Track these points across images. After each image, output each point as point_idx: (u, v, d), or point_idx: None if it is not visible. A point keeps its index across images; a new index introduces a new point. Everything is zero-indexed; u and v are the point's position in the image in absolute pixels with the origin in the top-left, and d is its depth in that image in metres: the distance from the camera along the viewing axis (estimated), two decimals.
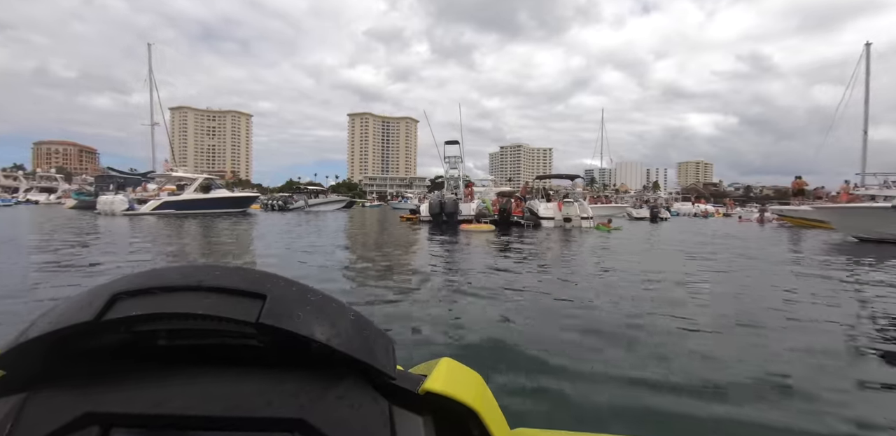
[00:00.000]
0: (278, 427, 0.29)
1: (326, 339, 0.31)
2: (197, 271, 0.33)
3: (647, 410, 1.99)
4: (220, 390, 0.31)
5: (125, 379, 0.31)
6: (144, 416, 0.29)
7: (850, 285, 5.42)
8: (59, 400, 0.30)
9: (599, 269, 6.51)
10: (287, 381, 0.31)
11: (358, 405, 0.31)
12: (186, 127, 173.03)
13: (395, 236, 12.61)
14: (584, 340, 2.97)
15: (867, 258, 8.08)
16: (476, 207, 18.01)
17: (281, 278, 0.34)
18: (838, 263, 7.47)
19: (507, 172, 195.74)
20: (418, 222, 18.72)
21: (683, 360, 2.63)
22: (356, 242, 10.58)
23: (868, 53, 25.99)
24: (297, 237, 11.32)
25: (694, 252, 8.94)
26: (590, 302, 4.12)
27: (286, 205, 36.18)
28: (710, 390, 2.20)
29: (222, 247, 9.10)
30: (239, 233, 12.65)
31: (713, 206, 49.55)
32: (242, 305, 0.31)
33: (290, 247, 8.90)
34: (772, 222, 26.29)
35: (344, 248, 9.14)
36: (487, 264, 6.66)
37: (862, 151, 26.05)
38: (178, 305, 0.30)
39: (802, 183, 24.50)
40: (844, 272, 6.38)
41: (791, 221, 22.95)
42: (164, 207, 24.26)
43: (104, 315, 0.30)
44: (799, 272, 6.36)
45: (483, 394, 0.37)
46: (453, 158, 22.34)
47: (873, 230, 11.91)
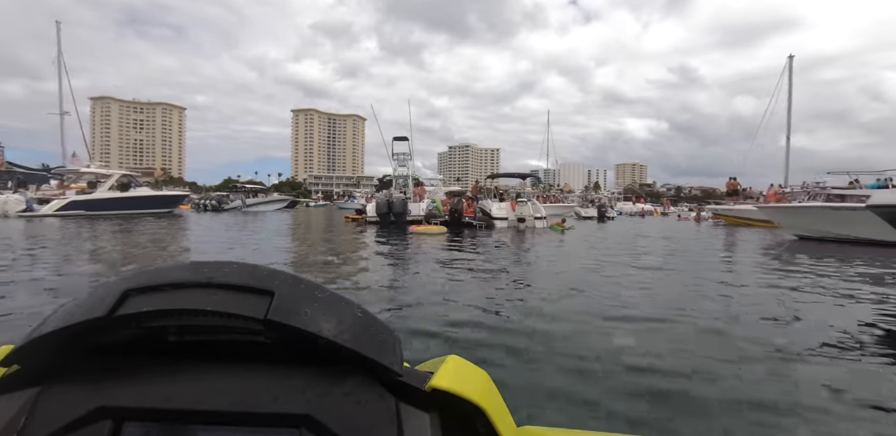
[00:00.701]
0: (286, 423, 0.29)
1: (333, 335, 0.31)
2: (206, 268, 0.34)
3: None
4: (229, 385, 0.31)
5: (137, 374, 0.32)
6: (156, 410, 0.30)
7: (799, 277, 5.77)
8: (72, 394, 0.31)
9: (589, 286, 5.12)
10: (294, 377, 0.32)
11: (365, 402, 0.31)
12: (110, 119, 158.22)
13: (335, 241, 11.43)
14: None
15: (812, 254, 8.09)
16: (426, 207, 17.12)
17: (289, 275, 0.35)
18: (794, 259, 7.77)
19: (456, 172, 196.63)
20: (364, 223, 17.54)
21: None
22: (285, 250, 9.16)
23: (791, 65, 28.04)
24: (219, 242, 9.89)
25: (664, 253, 8.63)
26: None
27: (220, 205, 33.49)
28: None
29: (108, 256, 7.54)
30: (151, 237, 10.93)
31: (651, 205, 51.82)
32: (251, 301, 0.31)
33: (200, 252, 7.57)
34: (708, 221, 27.47)
35: (267, 258, 7.40)
36: (445, 284, 5.19)
37: (785, 155, 28.13)
38: (187, 302, 0.31)
39: (736, 184, 25.80)
40: (797, 266, 6.90)
41: (726, 220, 24.00)
42: (70, 207, 21.27)
43: (116, 311, 0.31)
44: (764, 267, 6.81)
45: (490, 391, 0.37)
46: (402, 154, 21.30)
47: (813, 229, 12.31)
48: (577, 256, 8.36)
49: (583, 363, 2.54)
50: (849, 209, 11.46)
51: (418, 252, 8.59)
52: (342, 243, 10.54)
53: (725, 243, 12.62)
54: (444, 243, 10.32)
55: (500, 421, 0.35)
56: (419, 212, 16.93)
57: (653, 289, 4.94)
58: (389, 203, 16.72)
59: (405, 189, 20.02)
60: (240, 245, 9.51)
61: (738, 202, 24.72)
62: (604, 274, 5.93)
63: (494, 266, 6.69)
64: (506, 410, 0.38)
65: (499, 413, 0.36)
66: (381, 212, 16.82)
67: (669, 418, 1.94)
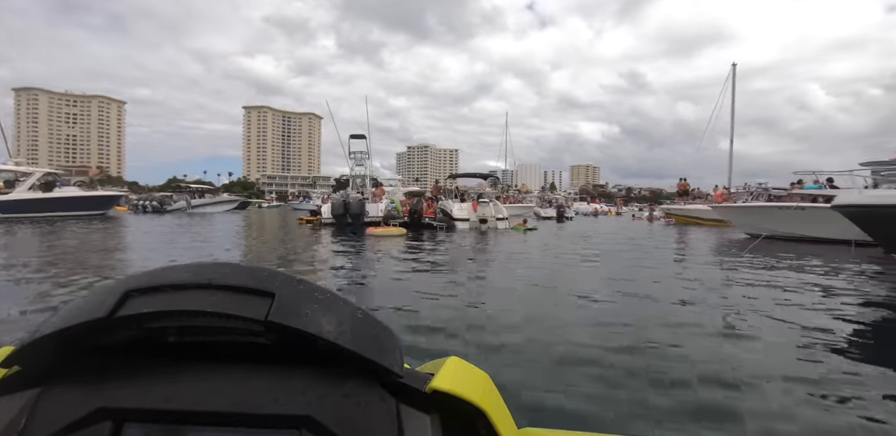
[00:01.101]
0: (286, 424, 0.29)
1: (334, 337, 0.31)
2: (207, 269, 0.34)
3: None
4: (229, 386, 0.31)
5: (137, 375, 0.32)
6: (156, 411, 0.30)
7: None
8: (72, 395, 0.31)
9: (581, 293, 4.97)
10: (294, 378, 0.32)
11: (365, 403, 0.31)
12: (38, 112, 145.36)
13: (284, 245, 10.61)
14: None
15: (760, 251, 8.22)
16: (384, 208, 16.47)
17: (289, 276, 0.35)
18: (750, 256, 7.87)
19: (415, 172, 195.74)
20: (319, 225, 16.66)
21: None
22: (222, 256, 8.33)
23: (734, 73, 29.58)
24: (143, 250, 8.86)
25: (637, 255, 8.47)
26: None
27: (162, 206, 31.20)
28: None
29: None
30: (69, 242, 9.68)
31: (605, 205, 53.40)
32: (251, 302, 0.31)
33: (114, 263, 6.64)
34: (660, 220, 28.38)
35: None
36: (401, 292, 4.78)
37: (729, 158, 29.65)
38: (188, 303, 0.31)
39: (686, 185, 26.84)
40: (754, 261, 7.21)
41: (677, 219, 24.82)
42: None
43: (117, 312, 0.31)
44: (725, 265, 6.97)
45: (490, 393, 0.37)
46: (359, 153, 20.47)
47: (765, 228, 12.73)
48: (559, 263, 8.04)
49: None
50: (795, 208, 11.91)
51: (374, 256, 8.00)
52: (291, 248, 9.74)
53: (688, 241, 12.82)
54: (403, 246, 9.77)
55: (500, 423, 0.35)
56: (377, 213, 16.27)
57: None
58: (346, 204, 15.93)
59: (363, 189, 19.24)
60: (164, 252, 8.52)
61: (689, 202, 25.69)
62: (611, 284, 5.24)
63: (461, 276, 6.21)
64: (507, 411, 0.38)
65: (500, 415, 0.36)
66: (336, 213, 16.00)
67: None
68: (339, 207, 15.94)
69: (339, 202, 16.13)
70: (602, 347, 2.84)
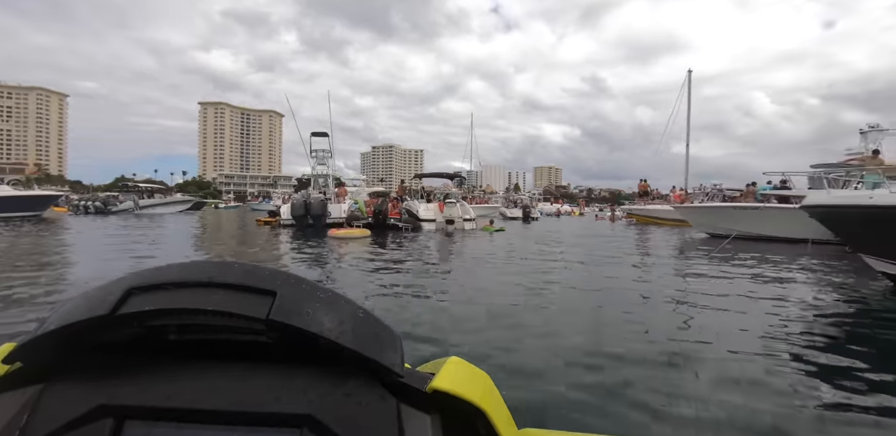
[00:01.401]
0: (287, 423, 0.29)
1: (335, 336, 0.31)
2: (209, 268, 0.33)
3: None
4: (230, 384, 0.31)
5: (138, 372, 0.32)
6: (156, 409, 0.30)
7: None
8: (74, 392, 0.31)
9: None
10: (296, 377, 0.32)
11: (366, 403, 0.31)
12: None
13: (237, 248, 9.90)
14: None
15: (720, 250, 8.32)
16: (348, 209, 15.85)
17: (291, 276, 0.35)
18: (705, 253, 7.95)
19: (380, 172, 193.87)
20: (278, 226, 15.86)
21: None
22: (162, 261, 7.67)
23: (690, 79, 30.83)
24: (69, 255, 7.98)
25: (613, 255, 8.33)
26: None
27: (107, 206, 29.11)
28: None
29: None
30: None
31: (569, 206, 54.46)
32: (253, 301, 0.31)
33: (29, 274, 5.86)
34: (621, 220, 29.04)
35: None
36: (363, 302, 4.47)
37: (685, 160, 30.82)
38: (189, 301, 0.31)
39: (646, 185, 27.51)
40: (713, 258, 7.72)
41: (638, 219, 25.42)
42: None
43: (118, 309, 0.31)
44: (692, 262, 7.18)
45: (491, 393, 0.37)
46: (322, 152, 19.70)
47: (723, 227, 13.05)
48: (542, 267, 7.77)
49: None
50: (752, 209, 12.27)
51: (334, 259, 7.50)
52: (241, 251, 9.06)
53: (657, 241, 12.96)
54: (366, 248, 9.29)
55: (500, 423, 0.35)
56: (340, 214, 15.63)
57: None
58: (307, 204, 15.21)
59: (325, 189, 18.51)
60: (98, 255, 7.69)
61: (649, 202, 26.39)
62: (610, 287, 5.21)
63: (430, 280, 5.83)
64: (507, 412, 0.38)
65: (500, 415, 0.36)
66: (296, 214, 15.26)
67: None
68: (299, 208, 15.20)
69: (299, 203, 15.38)
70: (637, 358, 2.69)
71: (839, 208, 5.09)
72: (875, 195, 4.70)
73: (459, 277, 5.94)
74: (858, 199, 4.85)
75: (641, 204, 26.46)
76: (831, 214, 5.24)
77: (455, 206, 15.40)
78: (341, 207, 16.12)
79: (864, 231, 4.99)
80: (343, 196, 17.71)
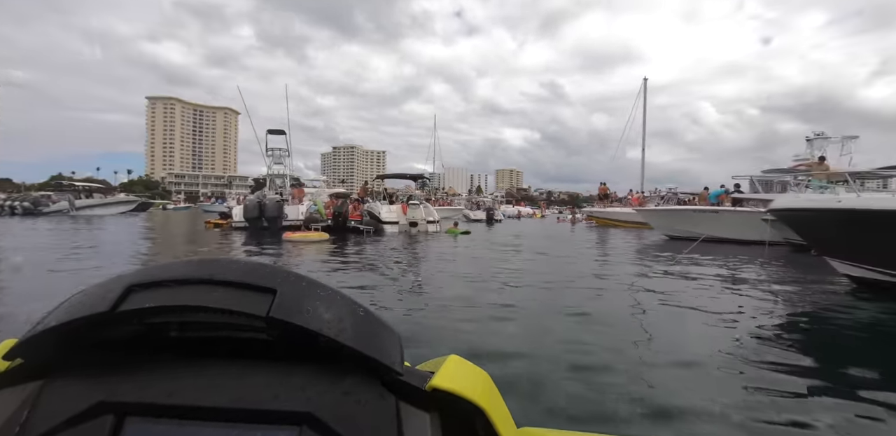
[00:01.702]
0: (286, 420, 0.29)
1: (335, 334, 0.31)
2: (210, 265, 0.34)
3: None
4: (230, 382, 0.31)
5: (139, 369, 0.32)
6: (157, 406, 0.30)
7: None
8: (74, 389, 0.31)
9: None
10: (295, 375, 0.32)
11: (365, 401, 0.31)
12: None
13: (179, 254, 9.06)
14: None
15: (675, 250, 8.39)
16: (306, 211, 15.08)
17: (291, 273, 0.35)
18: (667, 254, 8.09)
19: (341, 174, 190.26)
20: (229, 229, 14.88)
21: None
22: (80, 272, 6.30)
23: (645, 86, 32.03)
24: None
25: (592, 257, 8.12)
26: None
27: (37, 207, 26.70)
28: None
29: None
30: None
31: (530, 208, 55.20)
32: (253, 299, 0.31)
33: None
34: (581, 222, 29.55)
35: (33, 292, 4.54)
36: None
37: (641, 164, 31.93)
38: (190, 298, 0.31)
39: (606, 188, 28.10)
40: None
41: (597, 221, 25.90)
42: None
43: (119, 306, 0.31)
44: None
45: (490, 392, 0.37)
46: (278, 150, 18.76)
47: (680, 229, 13.32)
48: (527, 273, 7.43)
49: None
50: (711, 212, 12.57)
51: (286, 265, 6.91)
52: (181, 258, 8.24)
53: (621, 244, 13.03)
54: (323, 253, 8.71)
55: (500, 421, 0.35)
56: (298, 216, 14.86)
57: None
58: (261, 205, 14.37)
59: (282, 190, 17.61)
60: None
61: (608, 205, 26.98)
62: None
63: (393, 291, 5.38)
64: (506, 410, 0.38)
65: (499, 414, 0.36)
66: (250, 216, 14.37)
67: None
68: (252, 209, 14.32)
69: (253, 204, 14.51)
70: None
71: (808, 212, 5.06)
72: (844, 199, 4.68)
73: (424, 286, 5.53)
74: (827, 202, 4.83)
75: (601, 207, 26.98)
76: (799, 217, 5.22)
77: (419, 208, 14.94)
78: (299, 209, 15.32)
79: (830, 234, 4.99)
80: (301, 197, 16.88)
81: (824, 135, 13.10)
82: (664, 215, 13.63)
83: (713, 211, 12.47)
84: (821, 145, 13.06)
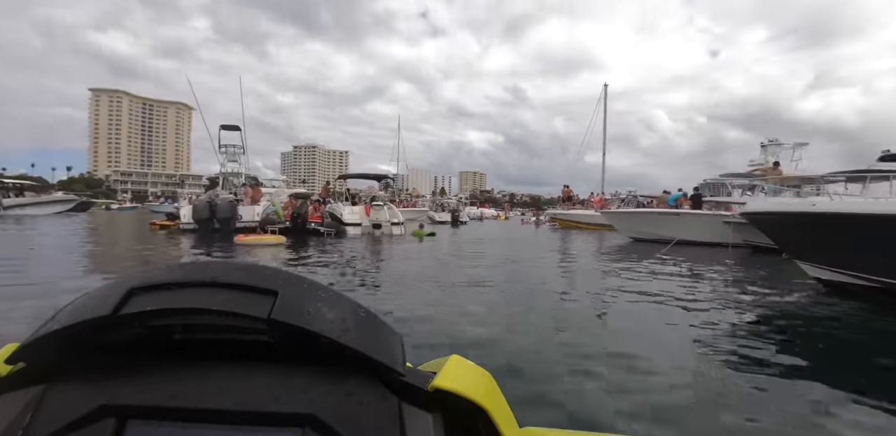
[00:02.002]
0: (289, 422, 0.30)
1: (337, 335, 0.32)
2: (211, 267, 0.34)
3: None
4: (233, 384, 0.31)
5: (141, 372, 0.32)
6: (159, 408, 0.30)
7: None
8: (76, 392, 0.31)
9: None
10: (297, 376, 0.32)
11: (367, 402, 0.31)
12: None
13: (111, 260, 8.18)
14: None
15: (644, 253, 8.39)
16: (262, 212, 14.23)
17: (293, 275, 0.35)
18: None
19: (302, 174, 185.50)
20: (177, 231, 13.81)
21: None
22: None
23: (606, 92, 32.90)
24: None
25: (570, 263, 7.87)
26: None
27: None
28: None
29: None
30: None
31: (494, 210, 55.44)
32: (255, 301, 0.31)
33: None
34: (545, 224, 29.77)
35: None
36: None
37: (602, 167, 32.68)
38: (192, 301, 0.31)
39: (569, 191, 28.48)
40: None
41: (560, 223, 26.12)
42: None
43: (121, 310, 0.31)
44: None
45: (492, 392, 0.37)
46: (232, 147, 17.71)
47: (644, 231, 13.47)
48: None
49: None
50: (674, 215, 12.77)
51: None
52: (114, 264, 7.41)
53: (592, 247, 13.00)
54: (277, 258, 8.09)
55: (502, 421, 0.35)
56: (253, 217, 13.98)
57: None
58: (212, 206, 13.39)
59: (236, 189, 16.59)
60: None
61: (570, 207, 27.31)
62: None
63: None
64: (508, 410, 0.38)
65: (501, 413, 0.36)
66: (200, 217, 13.37)
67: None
68: (202, 210, 13.34)
69: (203, 204, 13.51)
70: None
71: (779, 215, 5.01)
72: (818, 202, 4.64)
73: (387, 295, 5.09)
74: (801, 206, 4.77)
75: (564, 209, 27.27)
76: (771, 220, 5.17)
77: (382, 209, 14.37)
78: (255, 210, 14.43)
79: (801, 237, 4.96)
80: (258, 197, 15.96)
81: (777, 141, 13.62)
82: (628, 218, 13.76)
83: (675, 214, 12.67)
84: (774, 151, 13.58)
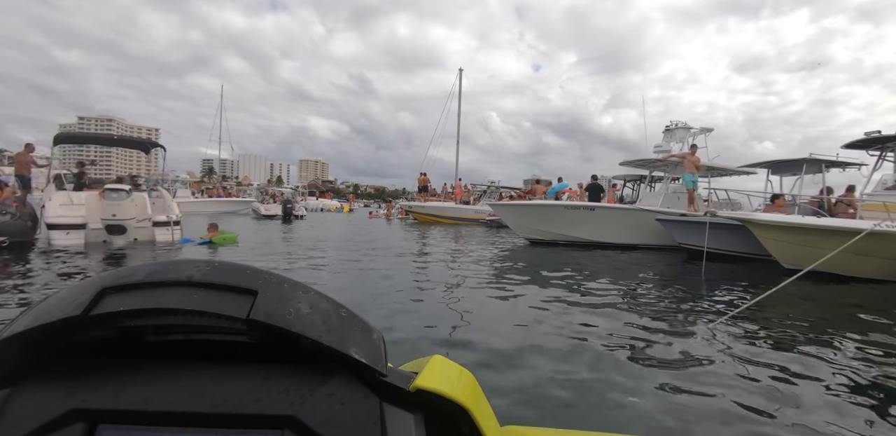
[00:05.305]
0: (268, 424, 0.29)
1: (317, 335, 0.31)
2: (187, 266, 0.33)
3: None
4: (210, 386, 0.31)
5: (112, 375, 0.31)
6: (131, 412, 0.29)
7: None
8: (44, 396, 0.30)
9: None
10: (277, 377, 0.31)
11: (348, 402, 0.31)
12: None
13: None
14: None
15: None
16: None
17: (273, 274, 0.34)
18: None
19: (92, 154, 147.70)
20: None
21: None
22: None
23: (461, 76, 30.69)
24: None
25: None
26: None
27: None
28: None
29: None
30: None
31: (338, 201, 49.64)
32: (233, 300, 0.31)
33: None
34: (398, 218, 25.90)
35: None
36: None
37: (455, 158, 30.31)
38: (167, 301, 0.30)
39: (427, 180, 24.83)
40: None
41: (417, 217, 22.48)
42: None
43: (92, 310, 0.30)
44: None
45: (474, 392, 0.37)
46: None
47: (545, 231, 10.11)
48: None
49: None
50: (588, 209, 9.62)
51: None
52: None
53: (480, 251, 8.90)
54: None
55: (483, 421, 0.35)
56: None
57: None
58: None
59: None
60: None
61: (428, 199, 23.76)
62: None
63: None
64: (490, 410, 0.38)
65: (483, 413, 0.36)
66: None
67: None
68: None
69: None
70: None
71: None
72: None
73: None
74: None
75: (421, 201, 23.56)
76: None
77: (127, 199, 7.80)
78: None
79: None
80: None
81: (686, 125, 11.72)
82: (527, 212, 10.12)
83: (589, 208, 9.55)
84: (682, 136, 11.69)
